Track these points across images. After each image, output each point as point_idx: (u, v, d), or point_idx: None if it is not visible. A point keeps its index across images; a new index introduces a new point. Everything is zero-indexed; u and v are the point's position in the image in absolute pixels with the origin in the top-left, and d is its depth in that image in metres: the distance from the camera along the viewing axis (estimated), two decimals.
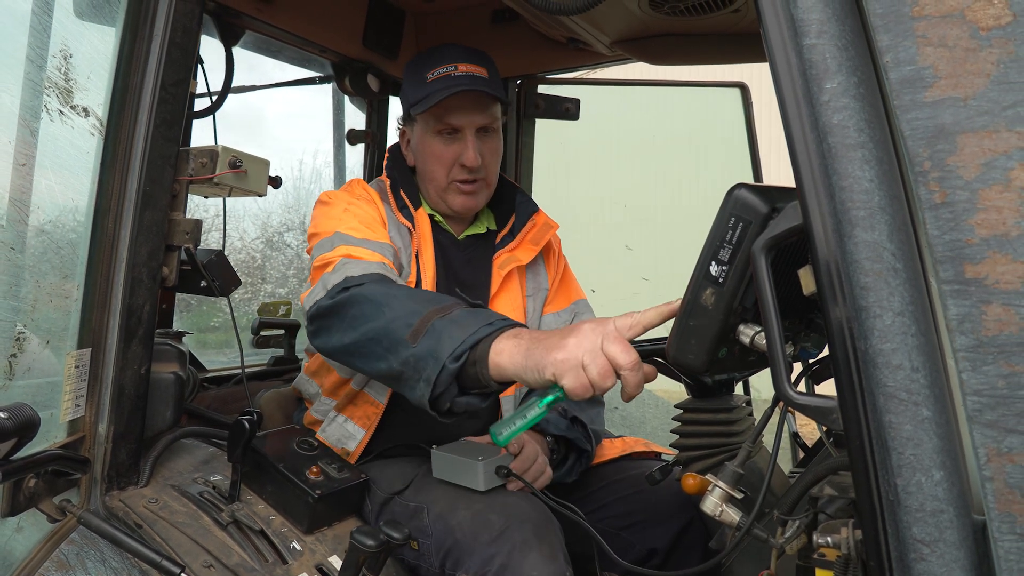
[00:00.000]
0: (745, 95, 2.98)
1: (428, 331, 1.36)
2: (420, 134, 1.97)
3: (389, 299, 1.46)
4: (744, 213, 1.10)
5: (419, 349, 1.35)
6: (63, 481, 1.46)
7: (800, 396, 0.98)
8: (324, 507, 1.60)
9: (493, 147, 1.98)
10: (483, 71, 1.91)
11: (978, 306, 0.79)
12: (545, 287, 2.12)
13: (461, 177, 1.94)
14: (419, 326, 1.37)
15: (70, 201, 1.48)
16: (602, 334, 1.22)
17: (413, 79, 1.95)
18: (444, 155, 1.93)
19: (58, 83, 1.39)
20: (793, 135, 0.93)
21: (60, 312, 1.46)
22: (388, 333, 1.41)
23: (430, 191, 2.00)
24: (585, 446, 1.86)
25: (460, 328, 1.33)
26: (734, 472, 1.21)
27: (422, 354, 1.34)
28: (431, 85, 1.88)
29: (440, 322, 1.36)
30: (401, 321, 1.40)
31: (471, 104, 1.89)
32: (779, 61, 0.94)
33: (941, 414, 0.83)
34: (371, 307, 1.47)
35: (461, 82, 1.86)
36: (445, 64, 1.90)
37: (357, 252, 1.71)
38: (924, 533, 0.82)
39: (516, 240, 2.04)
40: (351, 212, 1.86)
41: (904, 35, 0.84)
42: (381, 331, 1.43)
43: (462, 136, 1.91)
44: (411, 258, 1.90)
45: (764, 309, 1.00)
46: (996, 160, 0.79)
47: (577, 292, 2.20)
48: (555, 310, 2.11)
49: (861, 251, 0.86)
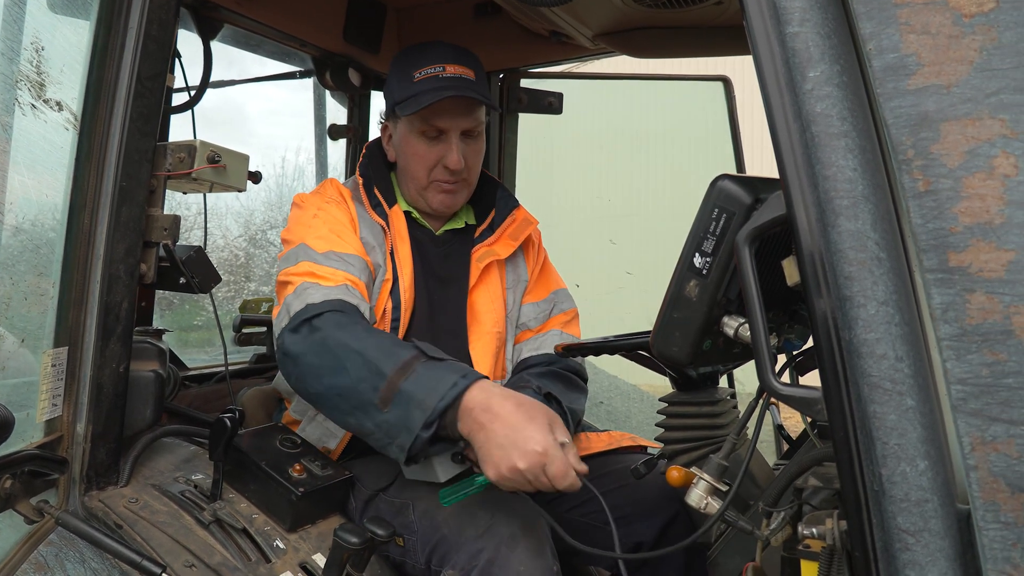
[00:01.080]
0: (728, 88, 2.98)
1: (396, 398, 1.42)
2: (404, 132, 1.95)
3: (348, 353, 1.51)
4: (727, 204, 1.10)
5: (391, 416, 1.42)
6: (40, 482, 1.44)
7: (785, 387, 0.98)
8: (307, 505, 1.58)
9: (476, 149, 1.97)
10: (470, 73, 1.90)
11: (962, 294, 0.79)
12: (524, 279, 2.11)
13: (442, 178, 1.93)
14: (386, 393, 1.43)
15: (44, 197, 1.45)
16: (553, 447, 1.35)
17: (399, 76, 1.93)
18: (427, 156, 1.91)
19: (30, 76, 1.37)
20: (776, 124, 0.92)
21: (36, 310, 1.43)
22: (356, 394, 1.47)
23: (410, 188, 1.99)
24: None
25: (428, 393, 1.40)
26: (719, 464, 1.21)
27: (394, 422, 1.42)
28: (418, 85, 1.86)
29: (407, 385, 1.42)
30: (367, 384, 1.45)
31: (457, 107, 1.88)
32: (762, 50, 0.93)
33: (925, 403, 0.83)
34: (332, 359, 1.52)
35: (449, 85, 1.84)
36: (433, 64, 1.88)
37: (320, 271, 1.72)
38: (909, 523, 0.82)
39: (495, 235, 2.03)
40: (320, 218, 1.86)
41: (887, 22, 0.84)
42: (348, 390, 1.48)
43: (446, 138, 1.90)
44: (386, 256, 1.89)
45: (748, 300, 1.00)
46: (979, 148, 0.79)
47: (556, 282, 2.19)
48: (534, 300, 2.10)
49: (845, 240, 0.86)
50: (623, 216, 4.45)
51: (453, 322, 1.95)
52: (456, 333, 1.94)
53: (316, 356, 1.55)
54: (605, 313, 3.78)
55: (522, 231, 2.06)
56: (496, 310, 1.98)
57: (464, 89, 1.85)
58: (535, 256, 2.16)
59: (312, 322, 1.59)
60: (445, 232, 2.05)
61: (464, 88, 1.85)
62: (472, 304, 1.96)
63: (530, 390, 1.85)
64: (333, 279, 1.71)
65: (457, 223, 2.07)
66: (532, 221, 2.11)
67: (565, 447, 1.37)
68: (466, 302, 1.96)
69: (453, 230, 2.06)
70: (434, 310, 1.94)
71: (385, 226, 1.92)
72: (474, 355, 1.92)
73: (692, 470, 1.24)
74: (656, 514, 1.82)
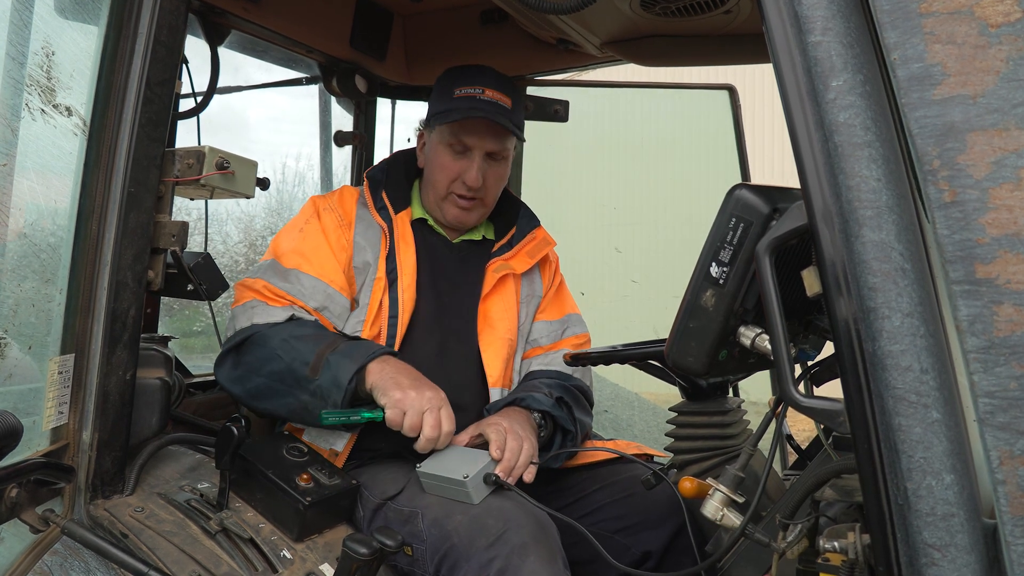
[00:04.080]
0: (733, 97, 2.98)
1: (324, 365, 1.67)
2: (434, 143, 2.03)
3: (277, 343, 1.73)
4: (745, 214, 1.09)
5: (322, 380, 1.66)
6: (46, 490, 1.42)
7: (805, 399, 0.96)
8: (315, 514, 1.57)
9: (499, 173, 2.05)
10: (507, 101, 1.98)
11: (989, 307, 0.78)
12: (539, 294, 2.17)
13: (460, 192, 2.00)
14: (315, 362, 1.68)
15: (53, 203, 1.44)
16: (440, 404, 1.65)
17: (442, 90, 2.02)
18: (450, 168, 1.99)
19: (40, 81, 1.36)
20: (797, 134, 0.91)
21: (42, 317, 1.42)
22: (291, 372, 1.69)
23: (430, 196, 2.06)
24: (569, 427, 1.90)
25: (349, 359, 1.67)
26: (735, 476, 1.19)
27: (325, 384, 1.65)
28: (455, 101, 1.95)
29: (332, 356, 1.68)
30: (299, 360, 1.69)
31: (486, 129, 1.96)
32: (783, 59, 0.93)
33: (951, 416, 0.82)
34: (266, 352, 1.74)
35: (482, 107, 1.93)
36: (474, 85, 1.97)
37: (276, 292, 1.85)
38: (935, 537, 0.81)
39: (513, 251, 2.09)
40: (305, 232, 1.95)
41: (912, 32, 0.83)
42: (284, 371, 1.70)
43: (471, 155, 1.98)
44: (379, 257, 1.95)
45: (768, 311, 0.99)
46: (1007, 158, 0.78)
47: (571, 307, 2.26)
48: (547, 318, 2.16)
49: (869, 251, 0.85)
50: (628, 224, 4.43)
51: (462, 326, 2.00)
52: (463, 337, 1.98)
53: (252, 356, 1.76)
54: (610, 321, 3.77)
55: (540, 250, 2.14)
56: (510, 319, 2.03)
57: (495, 114, 1.94)
58: (551, 275, 2.23)
59: (251, 338, 1.78)
60: (461, 242, 2.11)
61: (495, 113, 1.94)
62: (486, 311, 2.01)
63: (541, 393, 1.86)
64: (282, 301, 1.86)
65: (474, 235, 2.13)
66: (551, 242, 2.19)
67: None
68: (477, 308, 2.01)
69: (470, 241, 2.12)
70: (443, 312, 1.99)
71: (386, 229, 1.98)
72: (486, 358, 1.96)
73: (708, 481, 1.22)
74: (664, 523, 1.81)
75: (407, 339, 1.89)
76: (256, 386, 1.75)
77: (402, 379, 1.66)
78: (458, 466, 1.63)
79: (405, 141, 4.87)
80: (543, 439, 1.85)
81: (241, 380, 1.78)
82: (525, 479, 1.70)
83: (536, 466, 1.73)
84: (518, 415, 1.82)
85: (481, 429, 1.74)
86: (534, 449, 1.75)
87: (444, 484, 1.63)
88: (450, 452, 1.71)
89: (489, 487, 1.62)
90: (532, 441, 1.76)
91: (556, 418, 1.88)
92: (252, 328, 1.80)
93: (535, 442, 1.78)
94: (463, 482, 1.58)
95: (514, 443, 1.69)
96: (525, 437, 1.73)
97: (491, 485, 1.62)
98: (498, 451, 1.66)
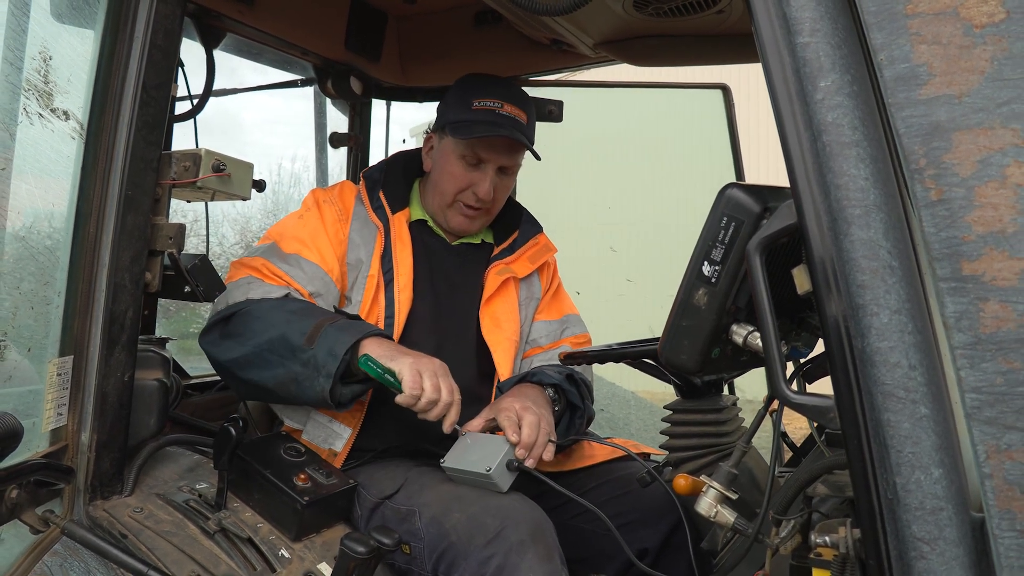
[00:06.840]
0: (727, 97, 2.99)
1: (321, 335, 1.64)
2: (446, 151, 2.02)
3: (273, 314, 1.72)
4: (736, 212, 1.10)
5: (317, 350, 1.62)
6: (46, 491, 1.43)
7: (796, 395, 0.98)
8: (312, 514, 1.58)
9: (506, 184, 2.07)
10: (524, 116, 2.00)
11: (975, 303, 0.79)
12: (537, 296, 2.18)
13: (468, 202, 2.00)
14: (312, 332, 1.65)
15: (50, 206, 1.45)
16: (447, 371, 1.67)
17: (458, 99, 2.02)
18: (461, 178, 1.99)
19: (37, 85, 1.36)
20: (787, 134, 0.93)
21: (41, 319, 1.43)
22: (285, 341, 1.66)
23: (434, 201, 2.06)
24: (578, 403, 1.93)
25: (347, 332, 1.65)
26: (729, 473, 1.21)
27: (321, 353, 1.62)
28: (475, 114, 1.96)
29: (330, 328, 1.66)
30: (295, 329, 1.66)
31: (503, 145, 1.97)
32: (772, 60, 0.94)
33: (939, 411, 0.83)
34: (260, 323, 1.71)
35: (504, 123, 1.94)
36: (492, 98, 1.97)
37: (272, 270, 1.85)
38: (924, 531, 0.82)
39: (514, 255, 2.11)
40: (305, 220, 1.97)
41: (898, 33, 0.85)
42: (277, 340, 1.67)
43: (484, 168, 1.99)
44: (372, 255, 1.96)
45: (760, 308, 1.00)
46: (992, 157, 0.80)
47: (570, 307, 2.28)
48: (546, 319, 2.18)
49: (857, 249, 0.86)
50: (623, 224, 4.45)
51: (460, 327, 2.02)
52: (461, 338, 2.01)
53: (243, 323, 1.74)
54: (606, 320, 3.79)
55: (541, 256, 2.17)
56: (515, 320, 2.06)
57: (516, 132, 1.95)
58: (549, 277, 2.25)
59: (245, 309, 1.76)
60: (460, 244, 2.13)
61: (515, 131, 1.96)
62: (493, 313, 2.03)
63: (551, 371, 1.92)
64: (277, 282, 1.84)
65: (474, 239, 2.15)
66: (552, 248, 2.22)
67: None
68: (477, 310, 2.03)
69: (469, 244, 2.14)
70: (441, 314, 2.01)
71: (382, 228, 1.98)
72: (497, 358, 1.98)
73: (701, 478, 1.24)
74: (660, 521, 1.83)
75: (404, 339, 1.90)
76: (244, 354, 1.73)
77: (405, 351, 1.68)
78: (480, 459, 1.65)
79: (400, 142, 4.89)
80: (556, 414, 1.87)
81: (229, 348, 1.75)
82: (545, 458, 1.71)
83: (554, 444, 1.74)
84: (531, 390, 1.85)
85: (494, 413, 1.75)
86: (551, 425, 1.76)
87: (470, 478, 1.65)
88: (469, 442, 1.72)
89: (513, 473, 1.64)
90: (548, 417, 1.78)
91: (567, 392, 1.91)
92: (247, 302, 1.79)
93: (551, 418, 1.80)
94: (488, 475, 1.61)
95: (532, 417, 1.70)
96: (541, 413, 1.74)
97: (515, 471, 1.64)
98: (514, 434, 1.67)
